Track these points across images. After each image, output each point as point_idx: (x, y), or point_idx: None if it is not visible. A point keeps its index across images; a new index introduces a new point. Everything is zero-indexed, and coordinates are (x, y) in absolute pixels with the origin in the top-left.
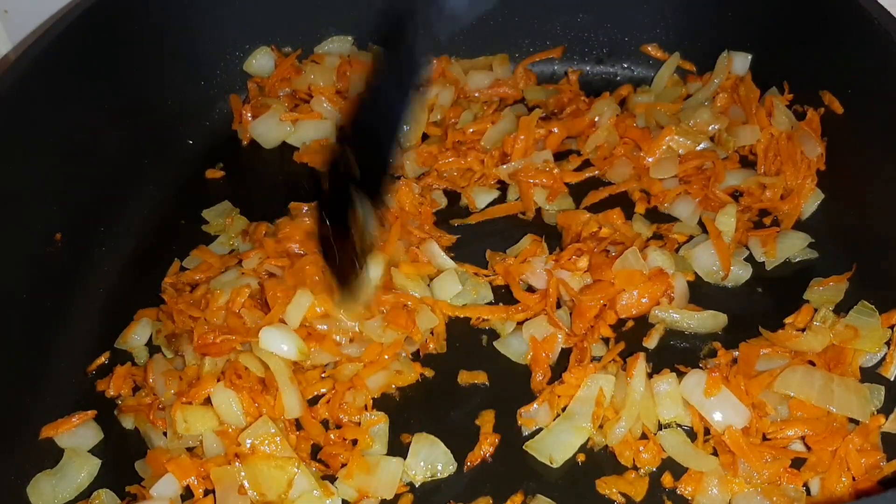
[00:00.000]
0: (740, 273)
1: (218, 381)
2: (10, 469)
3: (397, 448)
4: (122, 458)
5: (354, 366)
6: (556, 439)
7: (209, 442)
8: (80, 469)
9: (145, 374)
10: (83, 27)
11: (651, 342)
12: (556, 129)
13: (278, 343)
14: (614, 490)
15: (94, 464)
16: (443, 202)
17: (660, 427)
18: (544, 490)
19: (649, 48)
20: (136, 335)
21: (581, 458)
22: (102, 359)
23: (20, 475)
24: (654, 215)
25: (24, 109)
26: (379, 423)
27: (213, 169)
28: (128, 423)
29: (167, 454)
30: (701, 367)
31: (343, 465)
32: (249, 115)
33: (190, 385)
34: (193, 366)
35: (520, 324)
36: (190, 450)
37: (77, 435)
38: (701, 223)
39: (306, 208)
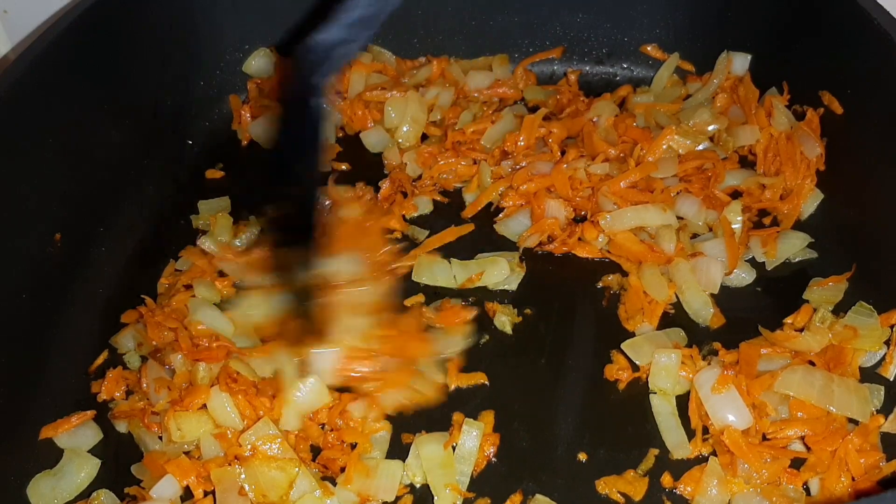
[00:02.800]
0: (743, 276)
1: (212, 386)
2: (10, 469)
3: (398, 448)
4: (122, 458)
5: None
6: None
7: (206, 445)
8: (80, 469)
9: (138, 379)
10: (83, 27)
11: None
12: (555, 130)
13: (324, 367)
14: (614, 490)
15: (94, 464)
16: (444, 201)
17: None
18: (544, 490)
19: (649, 48)
20: (127, 340)
21: (582, 457)
22: (101, 359)
23: (20, 475)
24: None
25: (24, 109)
26: (381, 431)
27: (213, 169)
28: (121, 427)
29: (164, 456)
30: (707, 362)
31: (342, 470)
32: (249, 115)
33: (182, 392)
34: (185, 372)
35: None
36: (186, 453)
37: (76, 435)
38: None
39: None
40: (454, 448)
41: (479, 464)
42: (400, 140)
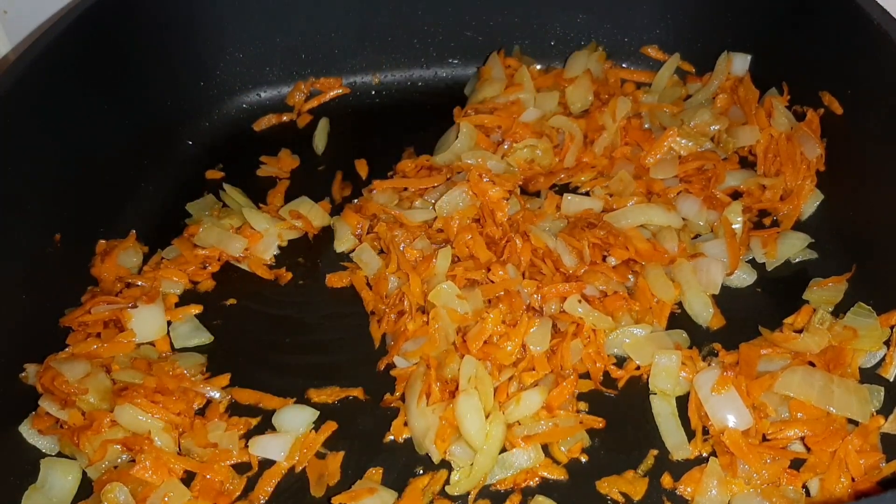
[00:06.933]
0: (744, 276)
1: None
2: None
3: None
4: None
5: None
6: None
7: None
8: (66, 474)
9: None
10: (83, 27)
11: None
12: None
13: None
14: (614, 490)
15: (75, 465)
16: None
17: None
18: (544, 490)
19: (649, 50)
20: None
21: (583, 457)
22: None
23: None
24: None
25: (24, 110)
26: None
27: (213, 169)
28: (50, 446)
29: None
30: (707, 363)
31: None
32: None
33: (87, 416)
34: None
35: None
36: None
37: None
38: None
39: None
40: None
41: None
42: None
